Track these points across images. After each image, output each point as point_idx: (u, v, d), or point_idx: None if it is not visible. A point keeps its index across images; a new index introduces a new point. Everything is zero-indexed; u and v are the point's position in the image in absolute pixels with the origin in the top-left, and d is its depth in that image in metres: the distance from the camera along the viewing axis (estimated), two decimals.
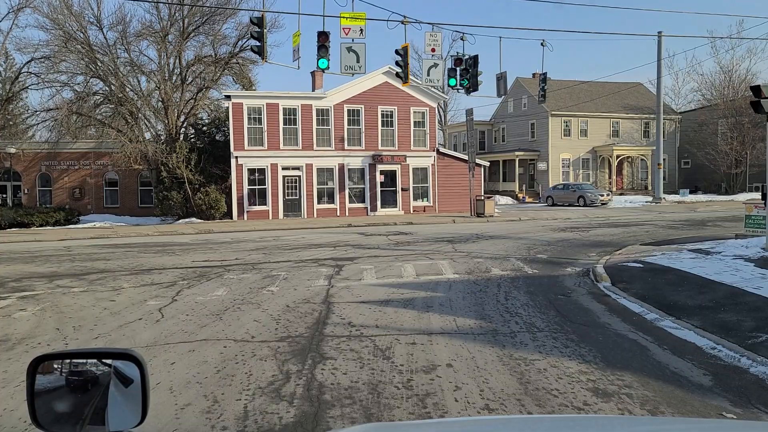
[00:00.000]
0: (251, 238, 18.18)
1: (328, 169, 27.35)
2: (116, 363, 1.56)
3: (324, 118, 27.12)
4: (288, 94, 26.27)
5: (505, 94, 21.69)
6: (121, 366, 1.56)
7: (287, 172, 26.63)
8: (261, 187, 26.21)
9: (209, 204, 24.46)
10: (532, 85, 48.88)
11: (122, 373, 1.55)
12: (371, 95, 27.75)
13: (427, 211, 28.87)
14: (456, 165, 29.56)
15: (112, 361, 1.57)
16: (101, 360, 1.59)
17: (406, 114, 28.47)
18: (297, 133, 26.56)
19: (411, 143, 28.72)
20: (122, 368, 1.56)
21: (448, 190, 29.26)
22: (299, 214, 26.77)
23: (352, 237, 17.90)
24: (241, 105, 25.49)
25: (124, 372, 1.55)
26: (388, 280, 10.13)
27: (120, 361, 1.56)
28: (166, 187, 25.63)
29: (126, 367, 1.55)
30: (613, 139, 46.13)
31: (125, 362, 1.55)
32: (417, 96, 28.62)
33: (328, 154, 27.09)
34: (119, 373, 1.56)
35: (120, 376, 1.55)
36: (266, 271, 11.17)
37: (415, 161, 28.71)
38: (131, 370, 1.54)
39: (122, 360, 1.56)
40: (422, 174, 29.09)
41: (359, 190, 28.02)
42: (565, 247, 14.95)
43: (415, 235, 18.51)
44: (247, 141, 25.81)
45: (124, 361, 1.56)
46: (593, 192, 34.55)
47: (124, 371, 1.55)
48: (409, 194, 28.74)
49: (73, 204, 37.08)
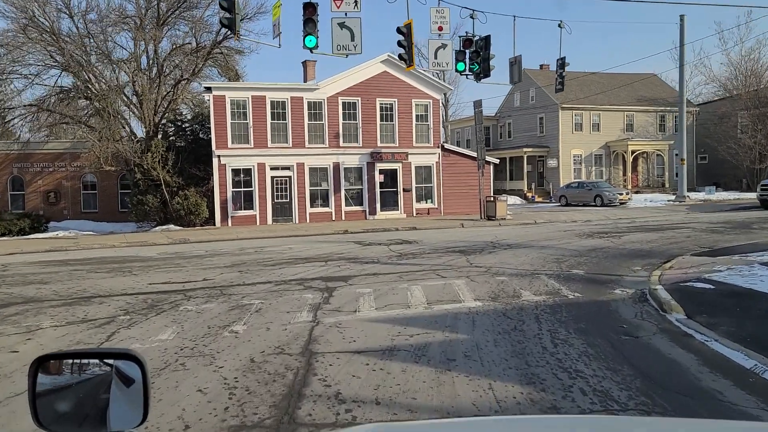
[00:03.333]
0: (230, 249, 15.98)
1: (322, 169, 25.14)
2: (117, 363, 1.59)
3: (316, 112, 24.91)
4: (276, 86, 24.06)
5: (519, 81, 19.51)
6: (122, 366, 1.58)
7: (276, 173, 24.43)
8: (247, 190, 24.00)
9: (188, 209, 22.26)
10: (540, 76, 46.68)
11: (123, 373, 1.58)
12: (369, 86, 25.55)
13: (431, 214, 26.67)
14: (463, 163, 27.37)
15: (113, 361, 1.59)
16: (103, 360, 1.62)
17: (408, 107, 26.27)
18: (287, 128, 24.36)
19: (413, 139, 26.52)
20: (123, 368, 1.58)
21: (455, 191, 27.07)
22: (290, 219, 24.56)
23: (347, 247, 15.70)
24: (223, 98, 23.27)
25: (125, 372, 1.57)
26: (391, 312, 7.92)
27: (121, 361, 1.58)
28: (141, 190, 23.44)
29: (127, 367, 1.57)
30: (627, 134, 43.96)
31: (126, 362, 1.57)
32: (419, 87, 26.41)
33: (321, 151, 24.89)
34: (120, 373, 1.58)
35: (121, 376, 1.57)
36: (236, 299, 8.97)
37: (418, 159, 26.51)
38: (132, 370, 1.56)
39: (123, 360, 1.58)
40: (426, 173, 26.89)
41: (356, 192, 25.82)
42: (601, 258, 12.76)
43: (421, 244, 16.30)
44: (231, 138, 23.59)
45: (126, 361, 1.57)
46: (611, 191, 32.34)
47: (126, 371, 1.57)
48: (412, 195, 26.54)
49: (48, 209, 34.86)
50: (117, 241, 18.19)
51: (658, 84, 48.83)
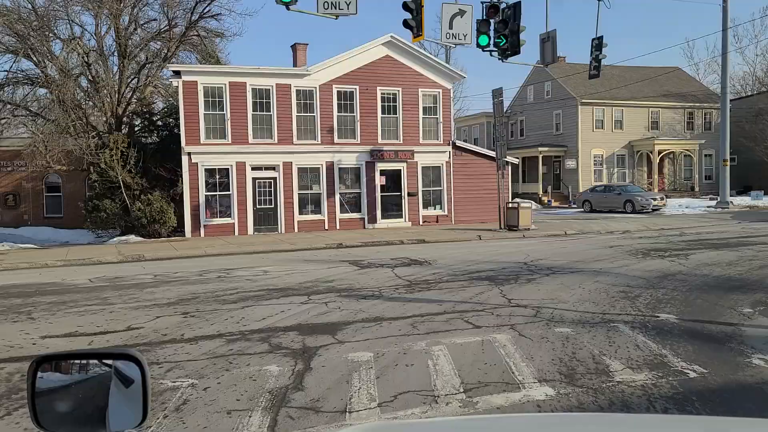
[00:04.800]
0: (189, 272, 12.72)
1: (313, 169, 21.91)
2: (117, 363, 1.59)
3: (307, 103, 21.69)
4: (258, 70, 20.83)
5: (553, 62, 16.32)
6: (121, 366, 1.59)
7: (259, 173, 21.20)
8: (223, 194, 20.75)
9: (152, 216, 19.01)
10: (557, 69, 43.43)
11: (123, 373, 1.58)
12: (369, 73, 22.35)
13: (440, 222, 23.45)
14: (477, 163, 24.16)
15: (112, 362, 1.60)
16: (102, 360, 1.63)
17: (414, 97, 23.06)
18: (271, 121, 21.13)
19: (420, 135, 23.31)
20: (123, 368, 1.58)
21: (468, 195, 23.86)
22: (275, 228, 21.32)
23: (340, 270, 12.44)
24: (194, 84, 20.04)
25: (124, 372, 1.58)
26: (406, 413, 4.69)
27: (120, 362, 1.59)
28: (96, 194, 20.22)
29: (126, 368, 1.57)
30: (652, 132, 40.77)
31: (126, 362, 1.58)
32: (427, 74, 23.21)
33: (312, 149, 21.67)
34: (120, 373, 1.58)
35: (121, 377, 1.58)
36: (157, 374, 5.72)
37: (426, 158, 23.30)
38: (132, 371, 1.56)
39: (123, 360, 1.59)
40: (434, 174, 23.67)
41: (353, 196, 22.59)
42: (682, 290, 9.54)
43: (435, 265, 13.05)
44: (204, 132, 20.36)
45: (125, 361, 1.58)
46: (643, 195, 29.09)
47: (125, 371, 1.58)
48: (418, 201, 23.31)
49: (6, 213, 31.65)
50: (53, 258, 14.94)
51: (683, 78, 45.67)
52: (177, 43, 23.60)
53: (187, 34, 23.65)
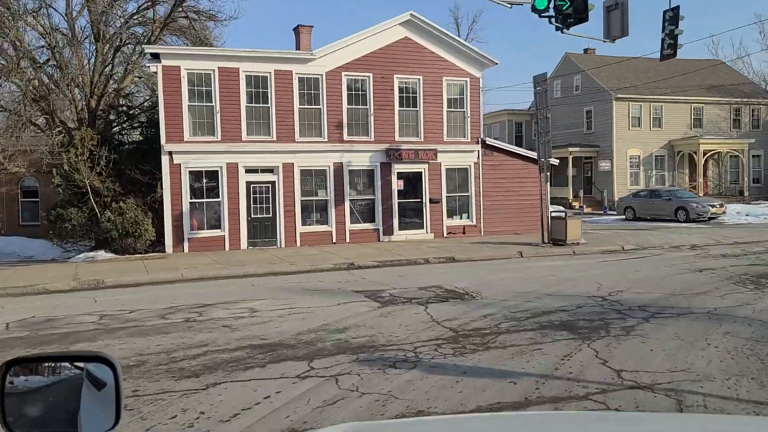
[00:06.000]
0: (151, 309, 9.66)
1: (319, 172, 18.88)
2: (89, 366, 1.57)
3: (312, 93, 18.67)
4: (254, 53, 17.81)
5: (621, 36, 13.18)
6: (93, 369, 1.56)
7: (254, 177, 18.19)
8: (212, 200, 17.73)
9: (124, 228, 16.01)
10: (587, 61, 40.26)
11: (95, 376, 1.55)
12: (384, 58, 19.30)
13: (467, 234, 20.35)
14: (510, 164, 21.07)
15: (84, 364, 1.58)
16: (73, 363, 1.60)
17: (437, 87, 20.00)
18: (269, 115, 18.13)
19: (444, 132, 20.23)
20: (95, 371, 1.55)
21: (499, 202, 20.76)
22: (273, 242, 18.28)
23: (354, 310, 9.33)
24: (177, 70, 17.04)
25: (96, 375, 1.55)
26: None
27: (92, 364, 1.56)
28: (61, 200, 17.28)
29: (99, 370, 1.55)
30: (695, 130, 37.44)
31: (98, 365, 1.55)
32: (453, 60, 20.13)
33: (318, 147, 18.64)
34: (92, 376, 1.56)
35: (93, 379, 1.55)
36: None
37: (450, 159, 20.22)
38: (104, 373, 1.53)
39: (95, 363, 1.56)
40: (461, 178, 20.58)
41: (366, 204, 19.52)
42: None
43: (481, 300, 9.92)
44: (189, 128, 17.36)
45: (97, 364, 1.55)
46: (699, 202, 25.77)
47: (97, 374, 1.55)
48: (442, 208, 20.22)
49: None
50: None
51: (727, 72, 42.31)
52: (161, 26, 20.70)
53: (173, 15, 20.73)
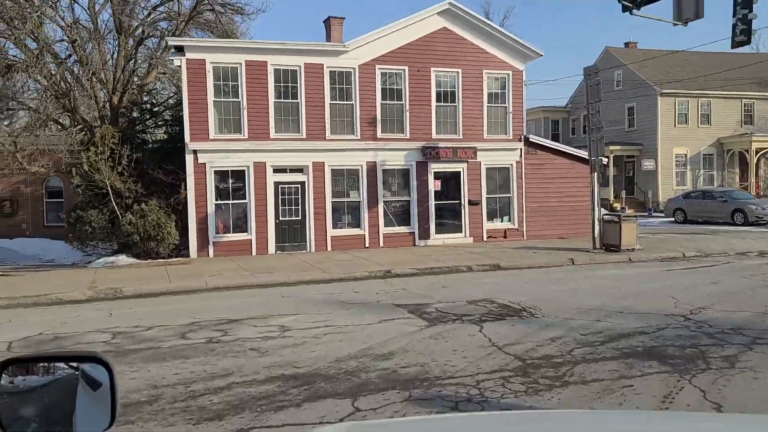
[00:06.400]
0: (170, 325, 8.69)
1: (351, 171, 17.85)
2: (84, 366, 1.57)
3: (344, 88, 17.65)
4: (283, 46, 16.85)
5: (695, 18, 11.87)
6: (89, 369, 1.56)
7: (282, 177, 17.24)
8: (238, 202, 16.83)
9: (146, 231, 15.18)
10: (628, 55, 38.55)
11: (90, 376, 1.56)
12: (421, 50, 18.18)
13: (509, 237, 19.10)
14: (555, 163, 19.75)
15: (79, 365, 1.58)
16: (69, 363, 1.60)
17: (477, 81, 18.81)
18: (299, 111, 17.16)
19: (484, 129, 19.02)
20: (90, 371, 1.56)
21: (543, 204, 19.46)
22: (302, 246, 17.30)
23: (398, 329, 8.21)
24: (202, 64, 16.18)
25: (92, 375, 1.55)
26: None
27: (88, 364, 1.57)
28: (81, 202, 16.56)
29: (94, 371, 1.55)
30: (746, 127, 35.50)
31: (93, 365, 1.55)
32: (494, 51, 18.92)
33: (350, 146, 17.61)
34: (87, 376, 1.56)
35: (88, 380, 1.56)
36: None
37: (491, 157, 19.01)
38: (99, 374, 1.53)
39: (90, 363, 1.56)
40: (502, 178, 19.35)
41: (401, 205, 18.43)
42: None
43: (542, 317, 8.69)
44: (214, 125, 16.47)
45: (92, 364, 1.55)
46: (757, 204, 24.07)
47: (93, 374, 1.55)
48: (481, 210, 19.02)
49: (3, 223, 28.57)
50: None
51: None
52: (186, 19, 19.92)
53: (199, 7, 19.94)
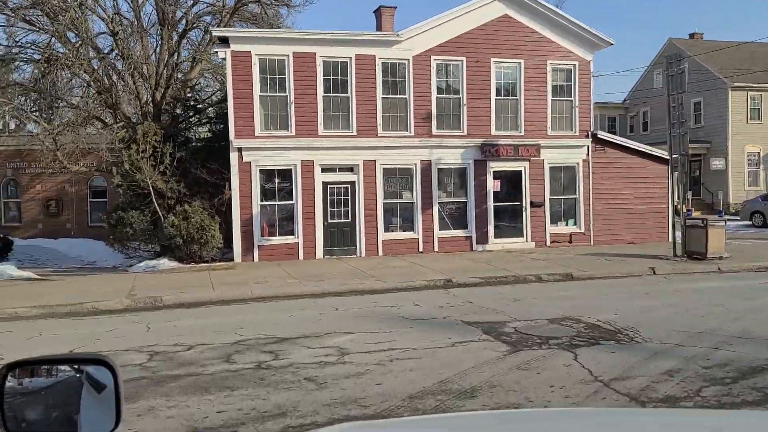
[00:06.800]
0: (214, 344, 7.73)
1: (404, 170, 16.76)
2: (88, 369, 1.58)
3: (397, 81, 16.58)
4: (333, 36, 15.88)
5: None
6: (93, 372, 1.57)
7: (331, 176, 16.29)
8: (284, 203, 15.94)
9: (189, 234, 14.42)
10: (695, 47, 36.30)
11: (95, 378, 1.56)
12: (479, 39, 16.96)
13: (574, 242, 17.68)
14: (626, 162, 18.24)
15: (84, 367, 1.59)
16: (73, 366, 1.61)
17: (541, 73, 17.46)
18: (349, 106, 16.16)
19: (548, 125, 17.66)
20: (95, 374, 1.57)
21: (611, 206, 17.97)
22: (352, 250, 16.30)
23: (475, 355, 7.01)
24: (247, 56, 15.34)
25: (96, 378, 1.56)
26: None
27: (92, 367, 1.58)
28: (122, 202, 15.95)
29: (99, 373, 1.55)
30: None
31: (98, 368, 1.56)
32: (559, 40, 17.54)
33: (403, 143, 16.53)
34: (92, 378, 1.57)
35: (92, 382, 1.56)
36: None
37: (555, 155, 17.63)
38: (104, 376, 1.54)
39: (95, 365, 1.57)
40: (567, 177, 17.94)
41: (457, 207, 17.24)
42: None
43: (644, 342, 7.32)
44: (260, 121, 15.62)
45: (97, 367, 1.56)
46: None
47: (97, 377, 1.56)
48: (544, 213, 17.66)
49: (49, 222, 28.55)
50: (34, 301, 10.49)
51: None
52: (231, 12, 19.18)
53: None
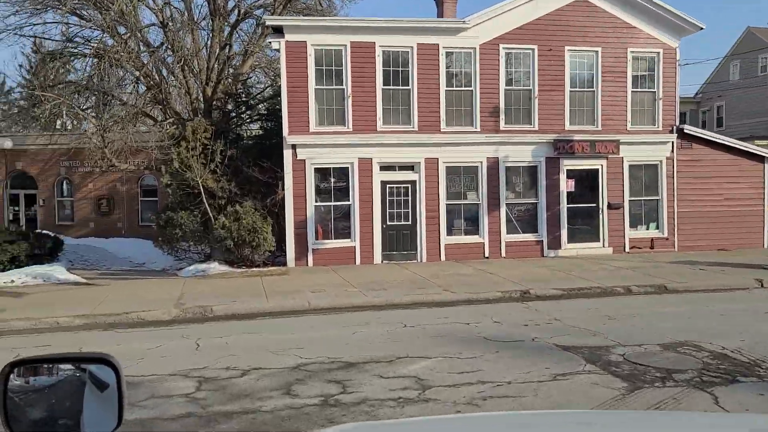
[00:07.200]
0: (271, 366, 6.73)
1: (469, 168, 15.56)
2: (91, 368, 1.59)
3: (462, 72, 15.39)
4: (393, 23, 14.80)
5: None
6: (96, 371, 1.58)
7: (390, 175, 15.23)
8: (340, 204, 14.98)
9: (240, 236, 13.61)
10: None
11: (98, 377, 1.57)
12: (552, 25, 15.60)
13: (657, 248, 16.10)
14: (715, 159, 16.53)
15: (87, 366, 1.60)
16: (76, 365, 1.61)
17: (620, 61, 15.97)
18: (410, 99, 15.07)
19: (627, 118, 16.14)
20: (98, 373, 1.58)
21: (699, 208, 16.30)
22: (413, 255, 15.20)
23: (589, 396, 5.68)
24: (303, 46, 14.44)
25: (99, 377, 1.57)
26: None
27: (95, 366, 1.58)
28: (171, 202, 15.31)
29: (101, 372, 1.56)
30: None
31: (101, 366, 1.57)
32: (640, 25, 16.00)
33: (468, 139, 15.32)
34: (95, 377, 1.57)
35: (95, 381, 1.57)
36: None
37: (635, 152, 16.09)
38: (107, 375, 1.55)
39: (98, 364, 1.58)
40: (648, 177, 16.37)
41: (527, 209, 15.92)
42: None
43: None
44: (315, 116, 14.70)
45: (100, 366, 1.57)
46: None
47: (100, 376, 1.57)
48: (623, 215, 16.15)
49: (100, 221, 28.49)
50: (77, 310, 9.78)
51: None
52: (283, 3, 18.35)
53: None
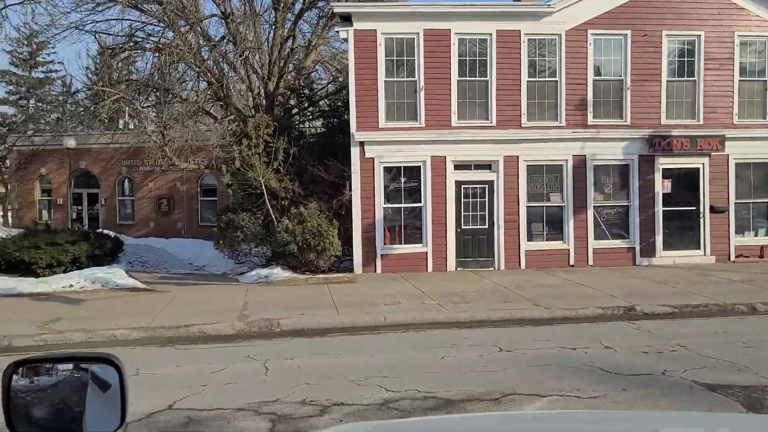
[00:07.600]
0: (356, 405, 5.77)
1: (552, 167, 14.22)
2: (93, 367, 1.60)
3: (545, 61, 14.07)
4: (471, 8, 13.64)
5: None
6: (98, 370, 1.59)
7: (465, 174, 14.06)
8: (411, 206, 13.91)
9: (305, 240, 12.73)
10: None
11: (100, 377, 1.59)
12: (647, 8, 14.07)
13: (767, 256, 14.36)
14: None
15: (89, 366, 1.61)
16: (79, 365, 1.62)
17: (726, 47, 14.30)
18: (488, 92, 13.86)
19: (734, 111, 14.44)
20: (100, 373, 1.59)
21: None
22: (489, 262, 13.98)
23: None
24: (372, 34, 13.45)
25: (101, 376, 1.58)
26: None
27: (98, 366, 1.60)
28: (232, 203, 14.61)
29: (104, 372, 1.58)
30: None
31: (103, 366, 1.58)
32: (749, 5, 14.29)
33: (552, 135, 14.00)
34: (97, 377, 1.59)
35: (98, 381, 1.58)
36: None
37: (743, 149, 14.38)
38: (109, 375, 1.57)
39: (100, 364, 1.59)
40: (758, 177, 14.62)
41: (616, 212, 14.45)
42: None
43: None
44: (385, 111, 13.69)
45: (102, 365, 1.59)
46: None
47: (102, 376, 1.58)
48: (728, 220, 14.46)
49: (160, 221, 28.41)
50: (135, 322, 9.08)
51: None
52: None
53: None
